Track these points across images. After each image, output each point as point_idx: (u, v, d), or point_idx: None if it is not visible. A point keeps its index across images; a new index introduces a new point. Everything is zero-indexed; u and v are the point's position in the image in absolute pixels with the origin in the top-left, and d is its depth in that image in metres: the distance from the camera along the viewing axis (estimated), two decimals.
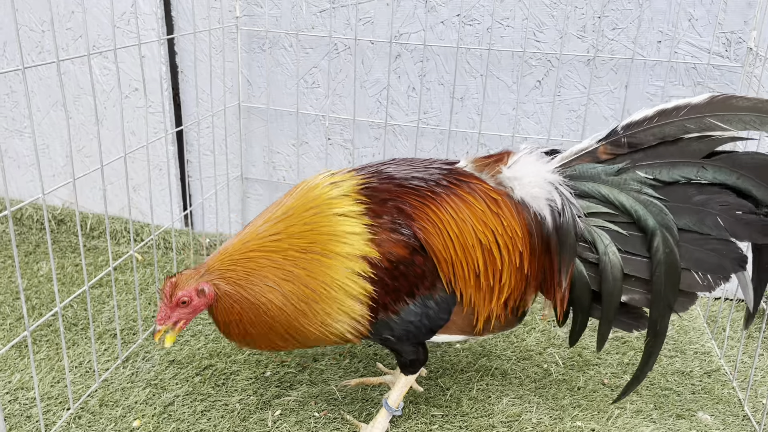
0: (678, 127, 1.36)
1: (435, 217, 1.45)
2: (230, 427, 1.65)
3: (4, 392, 1.73)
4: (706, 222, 1.38)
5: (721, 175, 1.36)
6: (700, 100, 1.35)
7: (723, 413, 1.79)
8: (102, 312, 2.14)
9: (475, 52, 2.25)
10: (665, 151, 1.39)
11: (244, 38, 2.41)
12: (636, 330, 1.53)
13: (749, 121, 1.31)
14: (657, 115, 1.39)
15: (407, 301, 1.45)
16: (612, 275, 1.44)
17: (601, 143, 1.44)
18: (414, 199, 1.46)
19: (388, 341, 1.52)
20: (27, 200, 1.47)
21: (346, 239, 1.41)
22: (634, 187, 1.41)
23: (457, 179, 1.50)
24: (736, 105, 1.33)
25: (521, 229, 1.47)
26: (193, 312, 1.43)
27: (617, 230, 1.44)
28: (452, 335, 1.55)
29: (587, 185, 1.45)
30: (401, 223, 1.43)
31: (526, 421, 1.72)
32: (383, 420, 1.64)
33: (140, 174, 2.62)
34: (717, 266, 1.40)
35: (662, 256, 1.39)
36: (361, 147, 2.46)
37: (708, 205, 1.38)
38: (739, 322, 2.25)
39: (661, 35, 2.13)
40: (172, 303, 1.40)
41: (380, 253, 1.41)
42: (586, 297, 1.50)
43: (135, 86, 2.49)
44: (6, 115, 2.72)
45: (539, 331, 2.14)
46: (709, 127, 1.34)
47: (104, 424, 1.64)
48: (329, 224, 1.42)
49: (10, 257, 2.49)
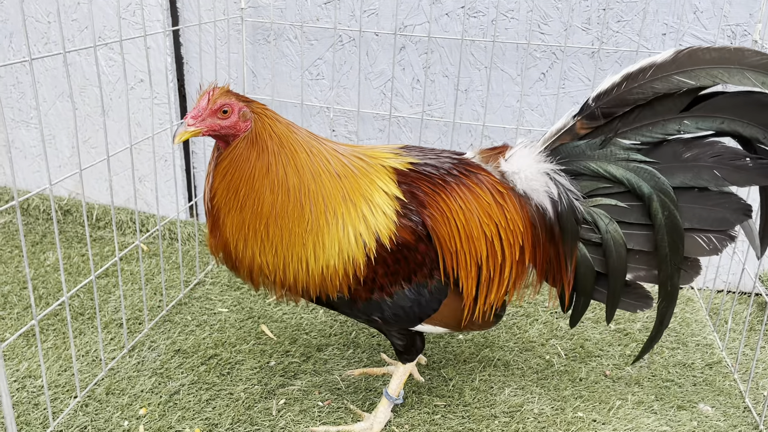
0: (646, 90, 1.32)
1: (445, 206, 1.45)
2: (235, 416, 1.67)
3: (12, 380, 1.76)
4: (703, 176, 1.36)
5: (703, 123, 1.33)
6: (665, 57, 1.31)
7: (724, 405, 1.80)
8: (108, 302, 2.16)
9: (479, 44, 2.25)
10: (642, 115, 1.36)
11: (249, 30, 2.41)
12: (641, 310, 1.52)
13: (717, 74, 1.27)
14: (624, 80, 1.35)
15: (403, 285, 1.45)
16: (616, 251, 1.44)
17: (577, 118, 1.43)
18: (427, 186, 1.47)
19: (375, 323, 1.53)
20: (34, 191, 1.48)
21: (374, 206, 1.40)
22: (621, 156, 1.40)
23: (467, 169, 1.51)
24: (702, 58, 1.28)
25: (523, 223, 1.48)
26: (224, 129, 1.35)
27: (615, 203, 1.43)
28: (435, 327, 1.56)
29: (576, 164, 1.45)
30: (412, 209, 1.44)
31: (527, 411, 1.74)
32: (385, 409, 1.66)
33: (146, 165, 2.63)
34: (721, 220, 1.38)
35: (662, 219, 1.38)
36: (365, 139, 2.47)
37: (700, 159, 1.35)
38: (741, 314, 2.26)
39: (666, 27, 2.12)
40: (215, 107, 1.33)
41: (389, 234, 1.41)
42: (590, 280, 1.50)
43: (140, 77, 2.50)
44: (12, 106, 2.73)
45: (541, 322, 2.15)
46: (677, 86, 1.30)
47: (111, 412, 1.66)
48: (371, 182, 1.42)
49: (17, 247, 2.51)
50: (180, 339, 1.98)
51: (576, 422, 1.70)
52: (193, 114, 1.33)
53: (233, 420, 1.66)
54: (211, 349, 1.93)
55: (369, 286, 1.43)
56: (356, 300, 1.45)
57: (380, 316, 1.48)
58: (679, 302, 2.32)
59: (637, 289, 1.52)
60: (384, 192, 1.42)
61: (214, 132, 1.35)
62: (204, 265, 2.44)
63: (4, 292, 2.18)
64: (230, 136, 1.37)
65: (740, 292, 2.38)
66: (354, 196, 1.40)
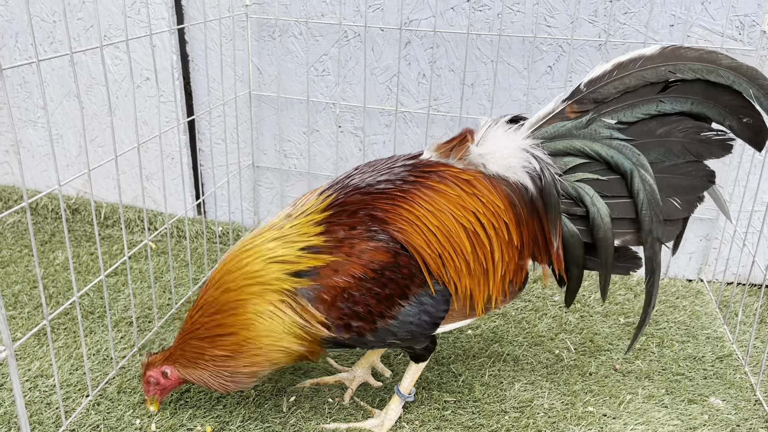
0: (637, 78, 1.42)
1: (410, 216, 1.44)
2: (245, 414, 1.68)
3: (24, 380, 1.77)
4: (674, 150, 1.46)
5: (678, 104, 1.44)
6: (653, 51, 1.43)
7: (735, 398, 1.79)
8: (117, 300, 2.17)
9: (485, 37, 2.24)
10: (626, 97, 1.46)
11: (254, 26, 2.41)
12: (633, 271, 1.58)
13: (697, 69, 1.40)
14: (615, 68, 1.44)
15: (401, 303, 1.45)
16: (603, 222, 1.47)
17: (567, 103, 1.47)
18: (384, 203, 1.46)
19: (395, 345, 1.53)
20: (43, 190, 1.49)
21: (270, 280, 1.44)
22: (604, 134, 1.46)
23: (424, 171, 1.49)
24: (684, 55, 1.41)
25: (502, 202, 1.48)
26: (164, 389, 1.60)
27: (598, 178, 1.48)
28: (458, 322, 1.55)
29: (561, 143, 1.48)
30: (376, 230, 1.43)
31: (538, 406, 1.74)
32: (396, 406, 1.66)
33: (153, 163, 2.64)
34: (690, 187, 1.48)
35: (644, 194, 1.45)
36: (371, 134, 2.47)
37: (671, 134, 1.45)
38: (752, 306, 2.25)
39: (674, 19, 2.11)
40: (144, 381, 1.59)
41: (361, 264, 1.41)
42: (579, 252, 1.53)
43: (146, 76, 2.50)
44: (20, 105, 2.74)
45: (551, 317, 2.15)
46: (663, 75, 1.42)
47: (123, 411, 1.67)
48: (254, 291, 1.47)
49: (26, 247, 2.52)
50: None
51: (586, 417, 1.70)
52: (143, 389, 1.61)
53: (244, 418, 1.67)
54: None
55: (368, 319, 1.43)
56: (363, 334, 1.45)
57: (395, 339, 1.48)
58: (688, 295, 2.31)
59: (625, 252, 1.56)
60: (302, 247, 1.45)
61: (162, 393, 1.62)
62: (212, 262, 2.45)
63: (15, 292, 2.20)
64: (175, 386, 1.62)
65: (750, 284, 2.37)
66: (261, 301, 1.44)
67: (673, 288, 2.36)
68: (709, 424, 1.69)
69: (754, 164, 2.20)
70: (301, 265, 1.42)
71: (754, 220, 2.27)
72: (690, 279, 2.44)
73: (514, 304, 2.21)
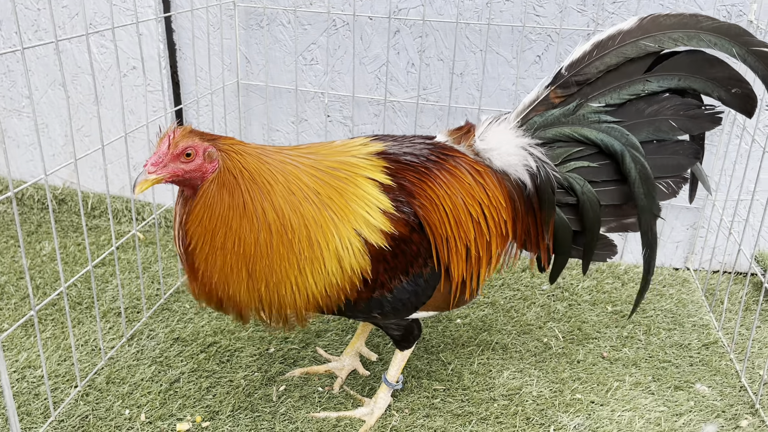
0: (618, 55, 1.42)
1: (432, 194, 1.45)
2: (235, 403, 1.68)
3: (12, 371, 1.76)
4: (662, 128, 1.47)
5: (664, 81, 1.44)
6: (631, 24, 1.42)
7: (720, 384, 1.82)
8: (105, 291, 2.16)
9: (474, 27, 2.23)
10: (611, 78, 1.46)
11: (242, 15, 2.39)
12: (609, 258, 1.62)
13: (678, 38, 1.39)
14: (594, 48, 1.44)
15: (401, 279, 1.45)
16: (592, 210, 1.50)
17: (550, 88, 1.48)
18: (412, 175, 1.46)
19: (374, 319, 1.53)
20: (28, 180, 1.47)
21: (369, 207, 1.38)
22: (592, 119, 1.47)
23: (444, 153, 1.51)
24: (663, 23, 1.40)
25: (505, 199, 1.51)
26: (189, 173, 1.28)
27: (588, 164, 1.50)
28: (428, 312, 1.57)
29: (551, 131, 1.50)
30: (403, 201, 1.43)
31: (526, 394, 1.75)
32: (384, 395, 1.67)
33: (140, 153, 2.62)
34: (677, 166, 1.50)
35: (636, 173, 1.46)
36: (360, 124, 2.46)
37: (660, 113, 1.47)
38: (737, 294, 2.27)
39: (662, 8, 2.11)
40: (177, 151, 1.25)
41: (389, 230, 1.41)
42: (567, 240, 1.56)
43: (133, 65, 2.48)
44: (4, 95, 2.71)
45: (539, 305, 2.16)
46: (644, 49, 1.41)
47: (111, 401, 1.67)
48: (357, 185, 1.39)
49: (12, 237, 2.50)
50: (179, 327, 1.98)
51: (574, 404, 1.72)
52: (154, 161, 1.25)
53: (234, 407, 1.67)
54: (210, 336, 1.94)
55: (371, 286, 1.43)
56: (357, 302, 1.44)
57: (380, 312, 1.48)
58: (674, 283, 2.33)
59: (604, 240, 1.59)
60: (375, 187, 1.40)
61: (178, 178, 1.28)
62: None
63: (1, 283, 2.18)
64: (197, 179, 1.29)
65: (736, 272, 2.39)
66: (342, 211, 1.36)
67: (660, 276, 2.38)
68: (695, 410, 1.71)
69: (740, 154, 2.22)
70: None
71: (740, 209, 2.29)
72: (677, 267, 2.46)
73: (503, 293, 2.22)
